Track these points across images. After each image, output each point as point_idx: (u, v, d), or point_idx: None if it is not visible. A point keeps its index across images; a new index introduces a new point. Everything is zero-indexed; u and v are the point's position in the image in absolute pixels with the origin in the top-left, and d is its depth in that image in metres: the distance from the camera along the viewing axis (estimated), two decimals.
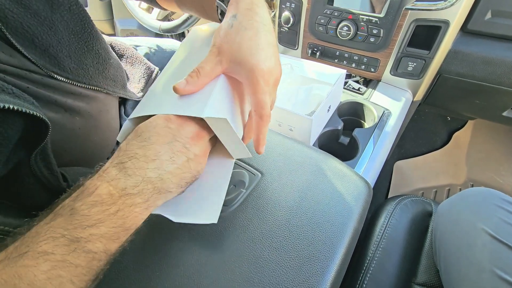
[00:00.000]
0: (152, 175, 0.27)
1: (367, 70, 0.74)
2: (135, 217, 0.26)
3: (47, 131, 0.34)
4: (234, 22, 0.31)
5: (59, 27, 0.40)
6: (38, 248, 0.22)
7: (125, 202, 0.26)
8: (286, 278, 0.30)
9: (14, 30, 0.36)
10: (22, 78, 0.37)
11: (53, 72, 0.41)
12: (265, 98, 0.30)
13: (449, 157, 1.12)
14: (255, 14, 0.31)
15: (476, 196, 0.47)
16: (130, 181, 0.26)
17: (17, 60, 0.37)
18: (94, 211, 0.24)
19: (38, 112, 0.32)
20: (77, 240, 0.23)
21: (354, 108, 0.70)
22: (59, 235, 0.23)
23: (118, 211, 0.25)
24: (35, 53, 0.39)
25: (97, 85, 0.48)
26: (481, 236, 0.41)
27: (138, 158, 0.27)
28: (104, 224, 0.25)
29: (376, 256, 0.49)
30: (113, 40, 0.64)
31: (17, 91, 0.31)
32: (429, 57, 0.65)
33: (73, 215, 0.24)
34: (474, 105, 0.75)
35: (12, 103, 0.29)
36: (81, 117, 0.45)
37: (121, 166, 0.27)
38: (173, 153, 0.28)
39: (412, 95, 0.74)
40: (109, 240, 0.25)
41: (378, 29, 0.64)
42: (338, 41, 0.72)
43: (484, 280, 0.38)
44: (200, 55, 0.32)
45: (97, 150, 0.52)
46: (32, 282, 0.21)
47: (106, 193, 0.25)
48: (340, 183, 0.39)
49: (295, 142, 0.44)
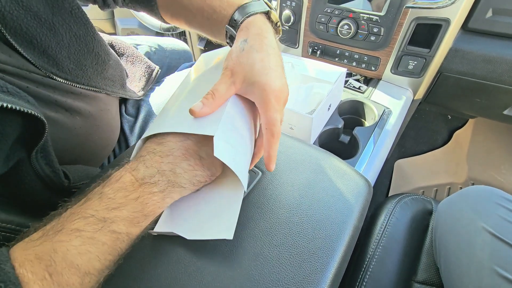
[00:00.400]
0: (166, 168, 0.30)
1: (368, 68, 0.74)
2: (153, 205, 0.29)
3: (45, 129, 0.34)
4: (245, 46, 0.33)
5: (60, 30, 0.41)
6: (71, 226, 0.25)
7: (144, 190, 0.29)
8: (286, 275, 0.30)
9: (13, 31, 0.36)
10: (22, 77, 0.37)
11: (52, 73, 0.41)
12: (276, 115, 0.31)
13: (449, 156, 1.12)
14: (264, 38, 0.33)
15: (476, 194, 0.47)
16: (148, 171, 0.29)
17: (16, 60, 0.37)
18: (118, 196, 0.28)
19: (33, 110, 0.32)
20: (104, 220, 0.26)
21: (354, 107, 0.70)
22: (89, 215, 0.26)
23: (138, 197, 0.28)
24: (34, 53, 0.39)
25: (95, 86, 0.48)
26: (482, 234, 0.42)
27: (155, 152, 0.30)
28: (126, 208, 0.27)
29: (376, 254, 0.50)
30: (114, 39, 0.64)
31: (12, 89, 0.31)
32: (429, 55, 0.65)
33: (101, 198, 0.27)
34: (475, 103, 0.75)
35: (6, 101, 0.29)
36: (81, 116, 0.45)
37: (141, 159, 0.30)
38: (186, 150, 0.31)
39: (412, 93, 0.74)
40: (130, 223, 0.28)
41: (378, 28, 0.64)
42: (338, 40, 0.72)
43: (484, 278, 0.38)
44: (213, 78, 0.34)
45: (98, 149, 0.52)
46: (65, 255, 0.24)
47: (129, 181, 0.29)
48: (340, 181, 0.39)
49: (296, 140, 0.45)
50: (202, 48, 1.30)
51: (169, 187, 0.30)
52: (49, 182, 0.39)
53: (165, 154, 0.30)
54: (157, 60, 0.73)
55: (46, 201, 0.41)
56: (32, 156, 0.35)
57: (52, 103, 0.41)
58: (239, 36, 0.35)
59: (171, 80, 0.70)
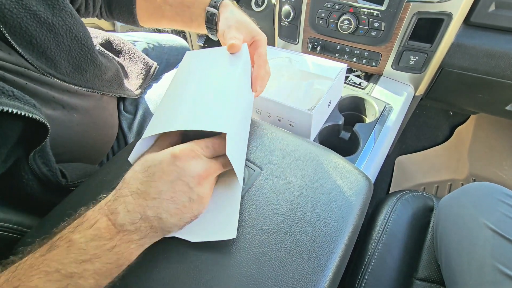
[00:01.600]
0: (151, 213, 0.27)
1: (368, 64, 0.73)
2: (130, 254, 0.26)
3: (47, 133, 0.34)
4: (231, 15, 0.47)
5: (60, 31, 0.40)
6: (29, 283, 0.22)
7: (122, 238, 0.26)
8: (286, 273, 0.30)
9: (12, 30, 0.36)
10: (20, 75, 0.37)
11: (49, 74, 0.41)
12: (265, 50, 0.45)
13: (451, 152, 1.12)
14: (236, 8, 0.49)
15: (478, 190, 0.47)
16: (129, 217, 0.26)
17: (14, 58, 0.37)
18: (91, 245, 0.24)
19: (38, 116, 0.32)
20: (71, 276, 0.23)
21: (355, 103, 0.70)
22: (53, 269, 0.23)
23: (114, 247, 0.25)
24: (32, 54, 0.39)
25: (92, 87, 0.48)
26: (483, 230, 0.41)
27: (139, 194, 0.27)
28: (100, 259, 0.24)
29: (377, 252, 0.49)
30: (111, 35, 0.63)
31: (18, 93, 0.32)
32: (431, 50, 0.64)
33: (70, 247, 0.24)
34: (477, 99, 0.74)
35: (11, 106, 0.30)
36: (78, 113, 0.45)
37: (122, 200, 0.27)
38: (175, 192, 0.28)
39: (414, 89, 0.74)
40: (101, 276, 0.25)
41: (379, 23, 0.63)
42: (339, 35, 0.71)
43: (486, 274, 0.38)
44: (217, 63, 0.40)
45: (97, 146, 0.52)
46: None
47: (105, 227, 0.25)
48: (340, 178, 0.38)
49: (295, 137, 0.44)
50: (201, 44, 1.29)
51: (151, 233, 0.27)
52: (45, 181, 0.39)
53: (151, 196, 0.27)
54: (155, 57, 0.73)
55: (44, 199, 0.41)
56: (30, 156, 0.35)
57: (50, 100, 0.41)
58: (222, 12, 0.48)
59: (169, 77, 0.70)
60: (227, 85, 0.37)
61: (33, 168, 0.37)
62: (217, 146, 0.33)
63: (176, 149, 0.30)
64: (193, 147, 0.31)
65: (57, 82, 0.42)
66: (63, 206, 0.38)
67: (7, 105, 0.29)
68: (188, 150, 0.30)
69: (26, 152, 0.36)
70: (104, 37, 0.61)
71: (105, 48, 0.60)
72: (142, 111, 0.61)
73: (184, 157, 0.29)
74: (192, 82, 0.38)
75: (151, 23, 0.58)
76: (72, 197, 0.39)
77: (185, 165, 0.29)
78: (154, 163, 0.29)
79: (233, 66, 0.39)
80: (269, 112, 0.58)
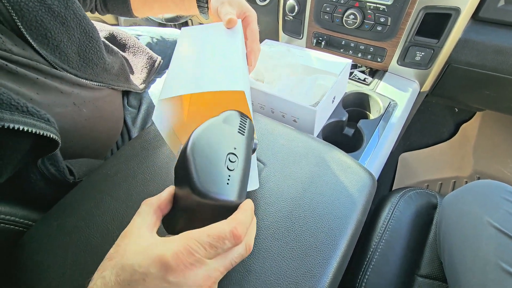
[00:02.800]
0: None
1: (374, 60, 0.72)
2: None
3: (57, 146, 0.35)
4: None
5: (71, 24, 0.41)
6: None
7: None
8: (288, 269, 0.30)
9: (28, 24, 0.36)
10: (32, 68, 0.37)
11: (62, 68, 0.41)
12: (256, 26, 0.45)
13: (455, 149, 1.11)
14: None
15: (482, 188, 0.46)
16: None
17: (29, 53, 0.37)
18: None
19: (51, 133, 0.33)
20: None
21: (359, 99, 0.69)
22: None
23: None
24: (47, 48, 0.39)
25: (102, 81, 0.49)
26: (487, 229, 0.41)
27: None
28: None
29: (379, 248, 0.49)
30: (115, 29, 0.63)
31: (32, 109, 0.32)
32: (438, 46, 0.63)
33: None
34: (484, 96, 0.73)
35: (24, 124, 0.30)
36: (87, 108, 0.45)
37: None
38: None
39: (419, 85, 0.73)
40: None
41: (385, 17, 0.62)
42: (344, 30, 0.70)
43: (489, 273, 0.38)
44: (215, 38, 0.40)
45: (102, 141, 0.52)
46: None
47: None
48: (344, 174, 0.38)
49: (299, 133, 0.44)
50: None
51: None
52: (53, 180, 0.39)
53: None
54: (159, 51, 0.72)
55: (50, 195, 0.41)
56: (39, 160, 0.36)
57: (59, 94, 0.41)
58: None
59: None
60: (233, 53, 0.36)
61: (41, 169, 0.37)
62: (224, 239, 0.22)
63: (166, 253, 0.20)
64: (191, 247, 0.21)
65: (67, 75, 0.42)
66: (66, 201, 0.39)
67: (20, 122, 0.29)
68: (184, 254, 0.20)
69: (35, 158, 0.36)
70: (108, 31, 0.61)
71: (110, 42, 0.60)
72: (146, 106, 0.61)
73: (179, 268, 0.20)
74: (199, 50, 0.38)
75: (144, 11, 0.58)
76: (76, 191, 0.40)
77: (180, 281, 0.20)
78: (134, 278, 0.20)
79: (232, 38, 0.40)
80: (273, 108, 0.58)
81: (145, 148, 0.43)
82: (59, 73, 0.41)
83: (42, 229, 0.36)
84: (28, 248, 0.34)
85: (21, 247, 0.35)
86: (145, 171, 0.40)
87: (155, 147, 0.43)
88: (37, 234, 0.36)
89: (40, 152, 0.35)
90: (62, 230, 0.35)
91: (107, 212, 0.36)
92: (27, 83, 0.36)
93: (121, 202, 0.36)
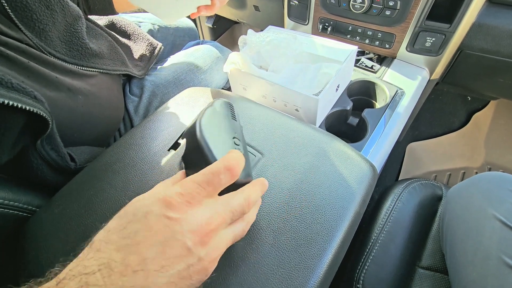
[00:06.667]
0: None
1: (382, 46, 0.69)
2: None
3: (48, 124, 0.34)
4: None
5: (55, 8, 0.40)
6: None
7: None
8: (283, 259, 0.30)
9: (13, 5, 0.36)
10: (22, 52, 0.37)
11: (50, 53, 0.41)
12: None
13: (466, 139, 1.07)
14: None
15: (488, 180, 0.45)
16: None
17: (15, 32, 0.37)
18: None
19: (37, 109, 0.32)
20: None
21: (365, 87, 0.67)
22: None
23: None
24: (33, 31, 0.39)
25: (93, 67, 0.48)
26: (491, 222, 0.40)
27: (113, 268, 0.18)
28: None
29: (380, 239, 0.49)
30: (116, 17, 0.62)
31: (17, 85, 0.31)
32: (450, 31, 0.60)
33: None
34: (498, 84, 0.70)
35: (9, 98, 0.29)
36: (82, 94, 0.45)
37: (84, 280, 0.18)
38: (167, 259, 0.19)
39: (429, 73, 0.70)
40: None
41: (394, 1, 0.59)
42: (351, 15, 0.67)
43: (490, 266, 0.37)
44: None
45: (103, 128, 0.52)
46: None
47: None
48: (343, 165, 0.38)
49: (299, 122, 0.43)
50: (210, 26, 1.26)
51: None
52: (55, 165, 0.40)
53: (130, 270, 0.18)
54: (161, 38, 0.71)
55: (54, 181, 0.42)
56: (37, 143, 0.36)
57: (53, 81, 0.41)
58: None
59: (175, 59, 0.69)
60: None
61: (42, 154, 0.38)
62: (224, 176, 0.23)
63: (168, 193, 0.21)
64: (189, 187, 0.22)
65: (58, 62, 0.42)
66: (69, 187, 0.39)
67: (4, 96, 0.29)
68: (184, 194, 0.22)
69: (33, 140, 0.36)
70: (108, 18, 0.61)
71: (110, 29, 0.59)
72: (148, 94, 0.61)
73: (180, 205, 0.21)
74: None
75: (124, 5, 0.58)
76: (78, 178, 0.40)
77: (181, 217, 0.21)
78: (137, 217, 0.20)
79: None
80: (275, 97, 0.56)
81: (144, 137, 0.43)
82: (50, 59, 0.41)
83: (44, 216, 0.37)
84: (31, 235, 0.36)
85: (24, 233, 0.36)
86: (143, 160, 0.40)
87: (154, 137, 0.43)
88: (40, 220, 0.37)
89: (36, 132, 0.35)
90: (64, 217, 0.36)
91: (106, 200, 0.36)
92: (18, 67, 0.35)
93: (119, 191, 0.37)
